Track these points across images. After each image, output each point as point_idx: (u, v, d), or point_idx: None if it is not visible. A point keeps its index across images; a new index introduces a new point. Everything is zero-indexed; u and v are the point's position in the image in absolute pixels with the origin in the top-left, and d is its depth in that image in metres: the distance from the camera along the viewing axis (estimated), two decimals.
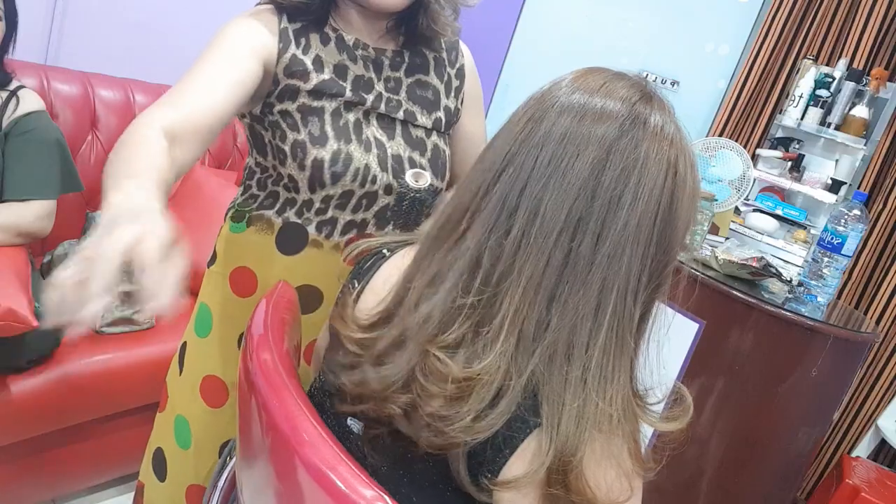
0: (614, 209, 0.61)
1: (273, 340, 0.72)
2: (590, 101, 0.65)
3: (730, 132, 2.64)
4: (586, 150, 0.62)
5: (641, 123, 0.63)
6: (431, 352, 0.61)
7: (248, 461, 0.73)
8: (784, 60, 2.58)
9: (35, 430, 1.49)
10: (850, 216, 1.69)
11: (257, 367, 0.68)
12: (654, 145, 0.63)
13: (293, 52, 0.94)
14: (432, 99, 1.03)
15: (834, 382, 1.71)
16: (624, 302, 0.62)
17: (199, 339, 1.06)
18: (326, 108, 0.95)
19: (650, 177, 0.62)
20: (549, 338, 0.60)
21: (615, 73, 0.69)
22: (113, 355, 1.60)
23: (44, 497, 1.63)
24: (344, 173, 0.95)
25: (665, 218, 0.63)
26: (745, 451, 1.72)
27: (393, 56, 1.01)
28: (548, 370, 0.60)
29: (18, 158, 1.51)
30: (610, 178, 0.62)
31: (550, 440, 0.58)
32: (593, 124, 0.63)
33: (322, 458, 0.58)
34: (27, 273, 1.44)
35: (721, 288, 1.65)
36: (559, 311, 0.61)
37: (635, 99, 0.65)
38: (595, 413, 0.59)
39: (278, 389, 0.65)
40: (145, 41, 2.23)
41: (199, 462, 1.06)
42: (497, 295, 0.62)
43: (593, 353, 0.60)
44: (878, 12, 2.38)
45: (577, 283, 0.61)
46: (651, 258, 0.63)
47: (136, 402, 1.66)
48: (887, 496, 2.04)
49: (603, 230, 0.61)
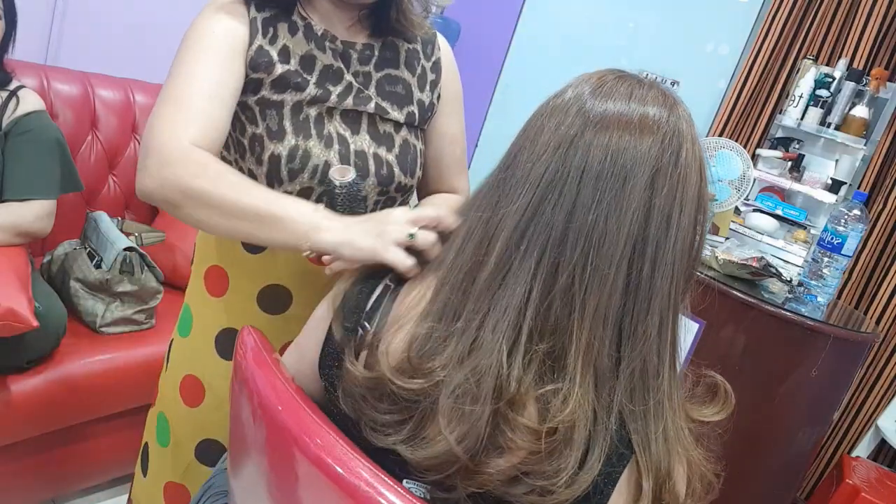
0: (665, 228, 0.60)
1: (264, 345, 0.72)
2: (626, 114, 0.61)
3: (730, 132, 2.64)
4: (634, 172, 0.59)
5: (678, 134, 0.62)
6: (503, 410, 0.57)
7: (240, 456, 0.72)
8: (784, 60, 2.58)
9: (35, 430, 1.49)
10: (850, 216, 1.69)
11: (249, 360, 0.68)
12: (689, 155, 0.62)
13: (259, 44, 0.92)
14: (403, 93, 1.00)
15: (834, 382, 1.71)
16: (677, 316, 0.62)
17: (181, 339, 1.07)
18: (287, 101, 0.92)
19: (690, 188, 0.62)
20: (626, 369, 0.59)
21: (632, 76, 0.66)
22: (113, 355, 1.60)
23: (44, 497, 1.63)
24: (301, 170, 0.92)
25: (701, 222, 0.63)
26: (744, 451, 1.72)
27: (362, 50, 0.98)
28: (630, 401, 0.59)
29: (18, 158, 1.51)
30: (661, 199, 0.60)
31: (647, 470, 0.58)
32: (635, 140, 0.60)
33: (319, 444, 0.58)
34: (27, 273, 1.44)
35: (721, 288, 1.65)
36: (630, 339, 0.59)
37: (667, 108, 0.63)
38: (676, 431, 0.60)
39: (271, 380, 0.65)
40: (145, 41, 2.23)
41: (176, 460, 1.06)
42: (562, 334, 0.59)
43: (664, 373, 0.60)
44: (878, 12, 2.38)
45: (642, 309, 0.59)
46: (689, 265, 0.63)
47: (136, 402, 1.66)
48: (887, 496, 2.04)
49: (658, 251, 0.60)
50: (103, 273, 1.63)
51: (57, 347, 1.52)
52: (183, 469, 1.05)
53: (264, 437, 0.65)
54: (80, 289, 1.65)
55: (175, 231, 1.94)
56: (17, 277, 1.37)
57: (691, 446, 0.62)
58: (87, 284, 1.64)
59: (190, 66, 0.87)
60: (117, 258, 1.63)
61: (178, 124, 0.82)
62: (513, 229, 0.61)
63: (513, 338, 0.59)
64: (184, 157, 0.80)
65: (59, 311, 1.50)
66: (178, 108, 0.84)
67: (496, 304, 0.60)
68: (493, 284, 0.61)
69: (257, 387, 0.66)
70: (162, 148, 0.80)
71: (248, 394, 0.67)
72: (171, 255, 1.93)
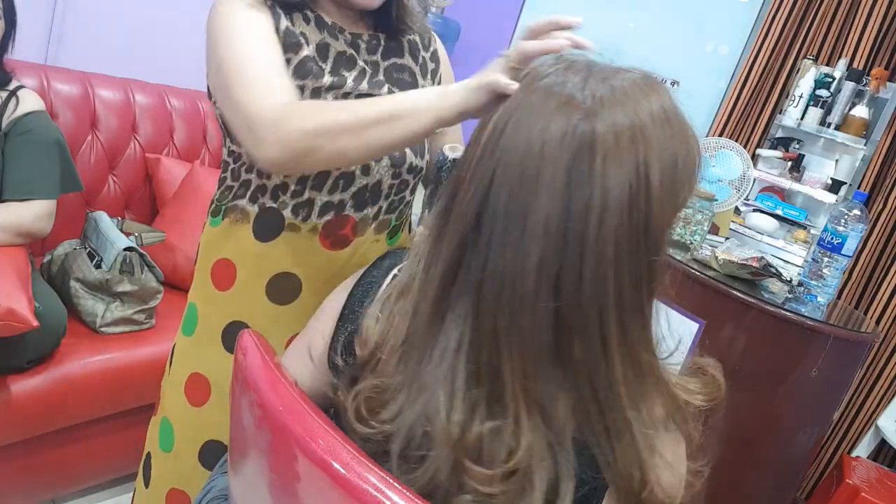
0: (580, 247, 0.56)
1: (264, 346, 0.72)
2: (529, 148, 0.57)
3: (730, 132, 2.64)
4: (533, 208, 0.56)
5: (588, 149, 0.55)
6: (455, 456, 0.57)
7: (240, 458, 0.72)
8: (784, 60, 2.58)
9: (35, 430, 1.49)
10: (850, 216, 1.69)
11: (249, 361, 0.68)
12: (611, 166, 0.55)
13: (286, 24, 0.92)
14: (409, 81, 1.03)
15: (834, 382, 1.71)
16: (624, 324, 0.58)
17: (185, 338, 1.06)
18: (307, 86, 0.92)
19: (612, 200, 0.55)
20: (571, 397, 0.58)
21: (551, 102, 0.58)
22: (113, 355, 1.60)
23: (44, 497, 1.63)
24: None
25: (640, 225, 0.57)
26: (744, 451, 1.72)
27: (369, 40, 1.00)
28: (588, 426, 0.58)
29: (18, 158, 1.51)
30: (573, 223, 0.55)
31: (618, 488, 0.58)
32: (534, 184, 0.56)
33: (323, 446, 0.58)
34: (27, 273, 1.44)
35: (721, 288, 1.65)
36: (567, 367, 0.57)
37: (574, 124, 0.56)
38: (646, 440, 0.58)
39: (272, 381, 0.65)
40: (145, 41, 2.23)
41: (179, 465, 1.05)
42: (496, 377, 0.58)
43: (619, 390, 0.57)
44: (878, 12, 2.38)
45: (578, 333, 0.57)
46: (635, 267, 0.58)
47: (136, 402, 1.66)
48: (887, 496, 2.04)
49: (582, 272, 0.56)
50: (103, 273, 1.63)
51: (57, 347, 1.52)
52: (186, 475, 1.04)
53: (266, 438, 0.65)
54: (80, 289, 1.65)
55: (175, 231, 1.94)
56: (17, 277, 1.37)
57: (674, 445, 0.61)
58: (87, 284, 1.64)
59: (244, 49, 0.85)
60: (117, 258, 1.63)
61: (267, 92, 0.81)
62: (443, 274, 0.61)
63: (450, 384, 0.59)
64: (290, 111, 0.78)
65: (59, 311, 1.50)
66: (255, 82, 0.82)
67: (435, 348, 0.60)
68: (433, 329, 0.61)
69: (258, 387, 0.66)
70: (266, 113, 0.78)
71: (248, 395, 0.67)
72: (171, 255, 1.93)
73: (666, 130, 0.58)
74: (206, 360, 1.03)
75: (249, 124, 0.79)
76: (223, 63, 0.85)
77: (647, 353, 0.60)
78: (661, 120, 0.58)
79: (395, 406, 0.61)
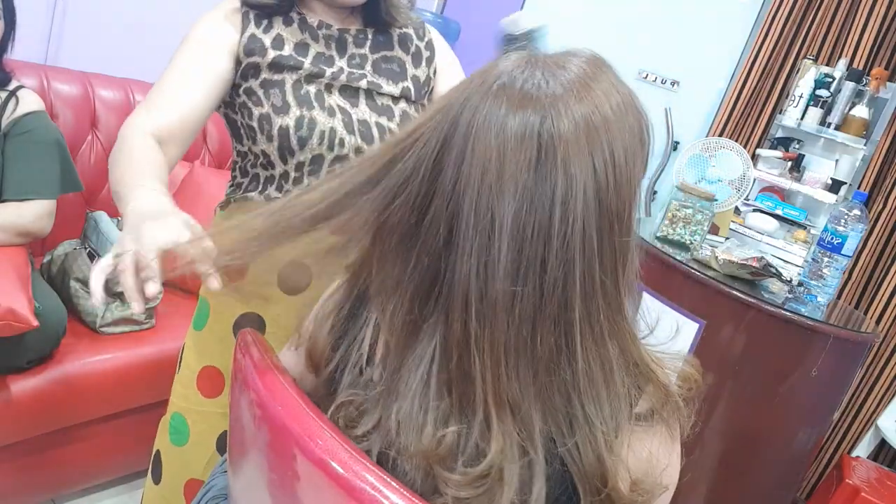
0: (545, 241, 0.56)
1: (264, 345, 0.72)
2: (488, 169, 0.56)
3: (730, 132, 2.64)
4: (502, 202, 0.56)
5: (549, 143, 0.56)
6: (428, 461, 0.58)
7: (240, 458, 0.72)
8: (784, 60, 2.58)
9: (35, 430, 1.49)
10: (850, 216, 1.69)
11: (249, 360, 0.68)
12: (573, 154, 0.56)
13: (252, 32, 0.99)
14: (398, 70, 1.07)
15: (834, 382, 1.71)
16: (591, 315, 0.58)
17: (197, 332, 1.08)
18: (287, 79, 0.98)
19: (575, 192, 0.56)
20: (541, 394, 0.58)
21: (508, 106, 0.57)
22: (113, 355, 1.60)
23: (44, 497, 1.63)
24: (309, 137, 0.97)
25: (606, 206, 0.57)
26: (744, 451, 1.72)
27: (356, 34, 1.05)
28: (554, 420, 0.58)
29: (18, 158, 1.51)
30: (538, 216, 0.55)
31: (581, 481, 0.58)
32: (499, 183, 0.56)
33: (321, 446, 0.58)
34: (27, 273, 1.44)
35: (721, 288, 1.65)
36: (538, 364, 0.58)
37: (531, 122, 0.56)
38: (607, 435, 0.58)
39: (271, 380, 0.65)
40: (145, 41, 2.23)
41: (197, 456, 1.06)
42: (469, 382, 0.58)
43: (581, 383, 0.58)
44: (878, 12, 2.38)
45: (541, 326, 0.57)
46: (604, 252, 0.58)
47: (136, 402, 1.66)
48: (887, 496, 2.04)
49: (547, 262, 0.56)
50: None
51: (57, 347, 1.52)
52: (204, 464, 1.06)
53: (265, 438, 0.65)
54: (80, 289, 1.65)
55: None
56: (17, 277, 1.37)
57: (654, 440, 0.61)
58: (87, 284, 1.64)
59: (172, 66, 0.97)
60: None
61: (140, 113, 0.93)
62: (416, 287, 0.61)
63: (423, 393, 0.60)
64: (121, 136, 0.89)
65: (59, 311, 1.50)
66: (147, 98, 0.95)
67: (412, 359, 0.61)
68: (409, 341, 0.62)
69: (257, 387, 0.66)
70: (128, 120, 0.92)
71: (247, 394, 0.67)
72: None
73: (620, 109, 0.59)
74: (218, 352, 1.04)
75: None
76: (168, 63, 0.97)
77: (620, 344, 0.60)
78: (616, 103, 0.59)
79: (372, 417, 0.63)
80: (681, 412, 0.63)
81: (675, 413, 0.62)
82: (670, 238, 1.88)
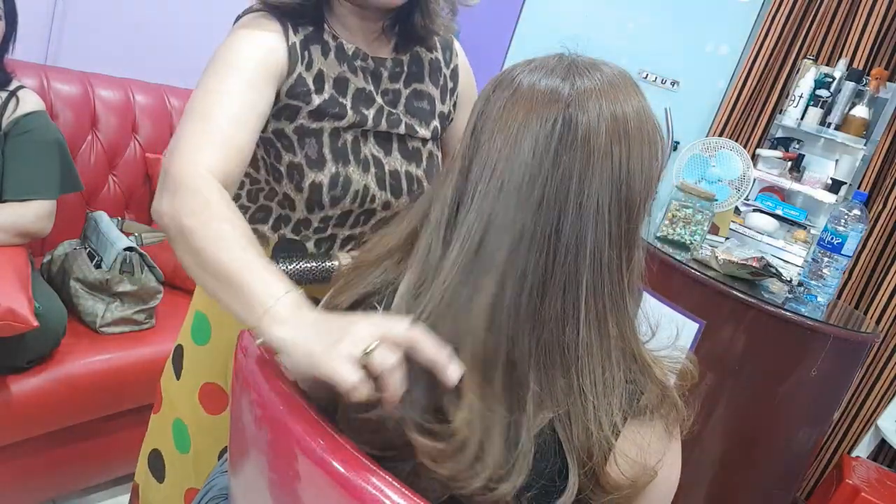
0: (566, 206, 0.60)
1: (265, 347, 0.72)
2: (509, 130, 0.61)
3: (730, 132, 2.64)
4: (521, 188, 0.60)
5: (574, 124, 0.60)
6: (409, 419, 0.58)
7: (241, 458, 0.72)
8: (784, 60, 2.58)
9: (35, 430, 1.49)
10: (850, 216, 1.69)
11: (249, 360, 0.68)
12: (592, 140, 0.60)
13: (299, 72, 0.91)
14: (428, 109, 1.03)
15: (834, 382, 1.71)
16: (597, 287, 0.60)
17: (198, 347, 1.06)
18: (325, 128, 0.94)
19: (593, 170, 0.60)
20: (538, 360, 0.59)
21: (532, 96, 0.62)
22: (113, 355, 1.60)
23: (44, 497, 1.63)
24: (343, 197, 0.94)
25: (622, 187, 0.61)
26: (744, 451, 1.72)
27: (392, 66, 1.00)
28: (549, 387, 0.59)
29: (18, 158, 1.51)
30: (550, 196, 0.59)
31: (570, 451, 0.59)
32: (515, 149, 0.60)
33: (323, 446, 0.58)
34: (27, 273, 1.44)
35: (721, 288, 1.65)
36: (536, 327, 0.59)
37: (563, 92, 0.61)
38: (598, 410, 0.59)
39: (272, 380, 0.65)
40: (145, 41, 2.23)
41: (199, 467, 1.06)
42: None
43: (580, 352, 0.60)
44: (878, 12, 2.38)
45: (550, 291, 0.59)
46: (614, 229, 0.61)
47: (136, 402, 1.66)
48: (887, 496, 2.04)
49: (561, 227, 0.59)
50: (103, 273, 1.63)
51: (57, 347, 1.52)
52: (204, 476, 1.05)
53: (265, 438, 0.65)
54: (80, 289, 1.65)
55: None
56: (17, 277, 1.37)
57: (648, 432, 0.62)
58: (87, 284, 1.64)
59: (219, 85, 0.84)
60: (117, 258, 1.63)
61: (200, 148, 0.79)
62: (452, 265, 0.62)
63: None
64: (193, 188, 0.75)
65: (59, 311, 1.50)
66: (203, 128, 0.81)
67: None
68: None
69: (258, 387, 0.66)
70: (178, 173, 0.76)
71: (248, 394, 0.67)
72: (171, 255, 1.90)
73: (641, 115, 0.64)
74: (221, 370, 1.03)
75: (167, 170, 0.77)
76: (199, 84, 0.85)
77: (619, 327, 0.62)
78: (637, 109, 0.63)
79: None
80: (679, 411, 0.63)
81: (672, 411, 0.63)
82: (670, 238, 1.88)
